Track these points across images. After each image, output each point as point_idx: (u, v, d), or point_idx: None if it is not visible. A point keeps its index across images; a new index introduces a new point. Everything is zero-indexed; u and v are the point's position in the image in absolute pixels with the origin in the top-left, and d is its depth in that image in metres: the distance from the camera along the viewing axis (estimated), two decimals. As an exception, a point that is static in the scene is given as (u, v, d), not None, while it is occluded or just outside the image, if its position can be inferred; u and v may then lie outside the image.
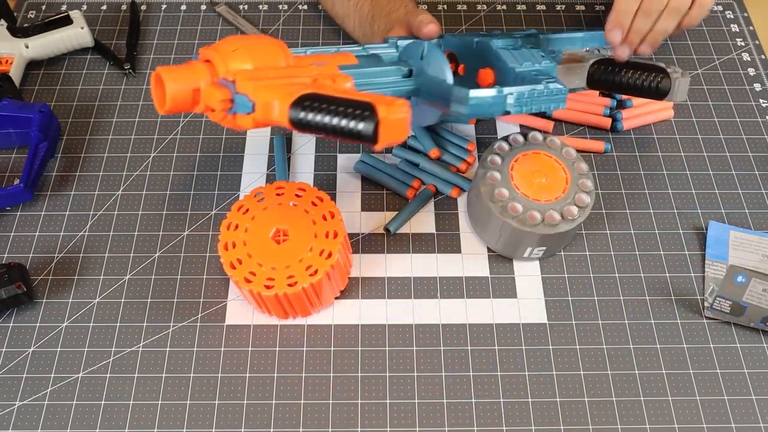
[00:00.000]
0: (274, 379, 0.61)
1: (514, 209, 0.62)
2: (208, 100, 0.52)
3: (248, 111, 0.51)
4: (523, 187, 0.64)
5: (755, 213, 0.71)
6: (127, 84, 0.81)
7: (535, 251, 0.65)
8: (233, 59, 0.52)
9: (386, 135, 0.47)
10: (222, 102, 0.51)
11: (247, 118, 0.51)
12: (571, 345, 0.63)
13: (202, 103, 0.53)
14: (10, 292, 0.62)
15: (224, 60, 0.53)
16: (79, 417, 0.59)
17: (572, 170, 0.65)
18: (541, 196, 0.63)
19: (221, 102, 0.51)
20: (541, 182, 0.64)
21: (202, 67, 0.53)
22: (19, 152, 0.76)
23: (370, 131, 0.46)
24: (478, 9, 0.89)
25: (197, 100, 0.53)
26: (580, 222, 0.63)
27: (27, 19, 0.87)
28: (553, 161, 0.65)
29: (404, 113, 0.47)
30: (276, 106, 0.49)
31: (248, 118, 0.51)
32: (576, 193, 0.64)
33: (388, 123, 0.46)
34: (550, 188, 0.64)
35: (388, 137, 0.47)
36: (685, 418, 0.59)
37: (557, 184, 0.64)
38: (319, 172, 0.74)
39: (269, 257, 0.60)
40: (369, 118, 0.46)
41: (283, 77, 0.53)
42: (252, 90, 0.50)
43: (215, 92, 0.51)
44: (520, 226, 0.62)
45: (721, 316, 0.64)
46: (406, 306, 0.65)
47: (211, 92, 0.52)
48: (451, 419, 0.59)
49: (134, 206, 0.71)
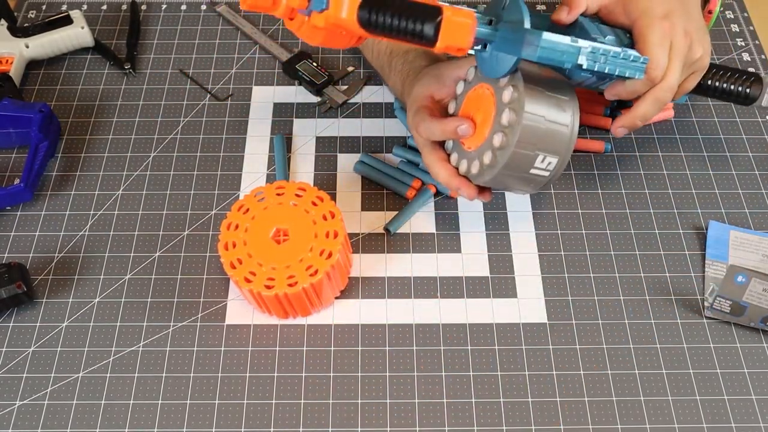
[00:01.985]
0: (274, 379, 0.61)
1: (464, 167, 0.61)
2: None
3: (322, 7, 0.53)
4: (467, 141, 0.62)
5: (755, 213, 0.71)
6: (127, 84, 0.81)
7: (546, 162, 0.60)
8: None
9: (446, 36, 0.51)
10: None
11: (320, 16, 0.54)
12: (571, 345, 0.63)
13: (283, 3, 0.55)
14: (10, 292, 0.62)
15: None
16: (79, 417, 0.59)
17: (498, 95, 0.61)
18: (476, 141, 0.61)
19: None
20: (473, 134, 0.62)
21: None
22: (19, 152, 0.76)
23: (431, 31, 0.51)
24: (478, 9, 0.89)
25: (278, 1, 0.55)
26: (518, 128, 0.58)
27: (27, 19, 0.88)
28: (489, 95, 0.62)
29: (469, 18, 0.52)
30: (346, 4, 0.52)
31: (321, 16, 0.54)
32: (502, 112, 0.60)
33: (450, 24, 0.51)
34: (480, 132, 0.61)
35: (448, 39, 0.52)
36: (685, 418, 0.59)
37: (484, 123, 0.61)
38: (319, 172, 0.74)
39: (269, 257, 0.60)
40: (432, 19, 0.51)
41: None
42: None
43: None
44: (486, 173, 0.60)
45: (721, 316, 0.64)
46: (406, 306, 0.65)
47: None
48: (451, 419, 0.59)
49: (134, 206, 0.71)
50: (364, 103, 0.79)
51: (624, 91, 0.62)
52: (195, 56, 0.84)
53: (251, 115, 0.79)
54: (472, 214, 0.71)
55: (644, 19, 0.61)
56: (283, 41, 0.85)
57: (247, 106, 0.79)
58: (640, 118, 0.63)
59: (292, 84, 0.81)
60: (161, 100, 0.80)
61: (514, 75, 0.60)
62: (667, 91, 0.61)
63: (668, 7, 0.61)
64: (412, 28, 0.52)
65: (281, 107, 0.79)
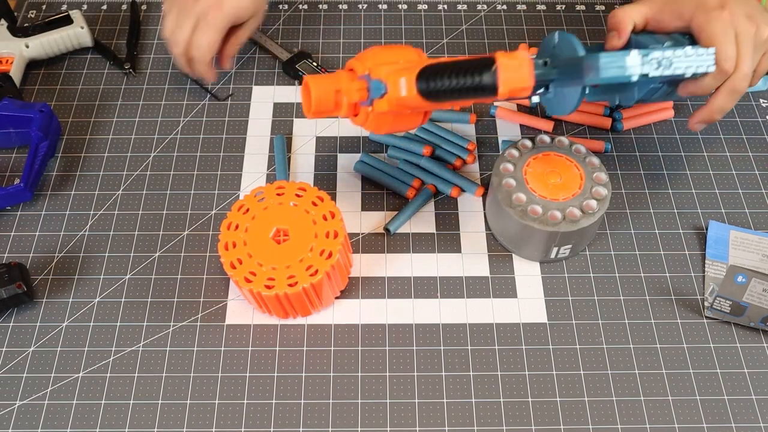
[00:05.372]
0: (274, 379, 0.61)
1: (534, 212, 0.63)
2: (348, 94, 0.58)
3: (382, 93, 0.57)
4: (539, 189, 0.64)
5: (755, 213, 0.71)
6: (127, 84, 0.81)
7: (562, 251, 0.65)
8: (371, 59, 0.59)
9: (507, 81, 0.53)
10: (359, 91, 0.58)
11: (383, 102, 0.57)
12: (571, 345, 0.63)
13: (345, 103, 0.59)
14: (10, 292, 0.62)
15: (362, 62, 0.59)
16: (79, 417, 0.59)
17: (584, 166, 0.65)
18: (558, 195, 0.63)
19: (358, 91, 0.58)
20: (557, 182, 0.64)
21: (343, 73, 0.60)
22: (19, 152, 0.76)
23: (491, 79, 0.52)
24: (478, 9, 0.89)
25: (340, 103, 0.59)
26: (600, 215, 0.63)
27: (27, 18, 0.87)
28: (564, 160, 0.66)
29: (524, 58, 0.53)
30: (403, 81, 0.56)
31: (383, 101, 0.57)
32: (592, 187, 0.64)
33: (506, 68, 0.52)
34: (566, 186, 0.64)
35: (509, 83, 0.53)
36: (685, 418, 0.59)
37: (572, 182, 0.64)
38: (319, 172, 0.74)
39: (269, 257, 0.60)
40: (488, 68, 0.52)
41: (413, 63, 0.58)
42: (384, 73, 0.57)
43: (353, 84, 0.58)
44: (542, 227, 0.62)
45: (721, 316, 0.64)
46: (406, 306, 0.65)
47: (350, 86, 0.58)
48: (451, 419, 0.59)
49: (134, 206, 0.71)
50: (364, 103, 0.79)
51: (698, 88, 0.61)
52: None
53: (251, 115, 0.79)
54: (472, 214, 0.71)
55: (700, 15, 0.60)
56: (283, 41, 0.85)
57: (247, 106, 0.79)
58: (717, 111, 0.62)
59: (292, 84, 0.81)
60: (161, 100, 0.80)
61: None
62: (742, 80, 0.60)
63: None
64: (471, 83, 0.53)
65: (281, 107, 0.79)
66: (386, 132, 0.61)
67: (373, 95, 0.57)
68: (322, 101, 0.59)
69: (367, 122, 0.60)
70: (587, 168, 0.65)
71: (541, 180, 0.64)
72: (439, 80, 0.54)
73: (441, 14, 0.88)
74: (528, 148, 0.67)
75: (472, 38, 0.86)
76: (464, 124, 0.77)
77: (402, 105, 0.57)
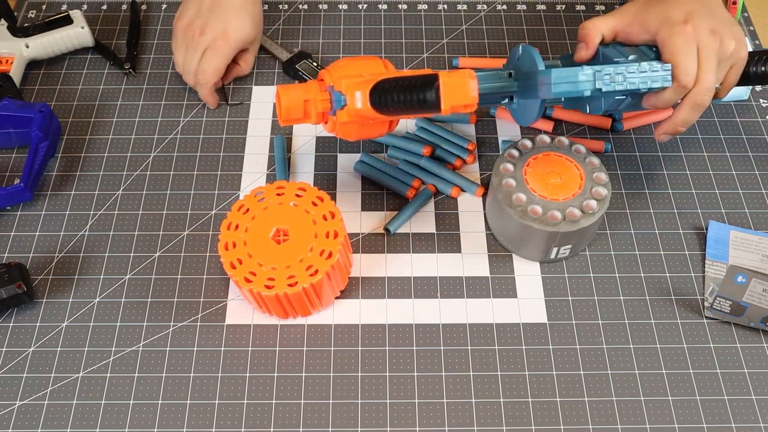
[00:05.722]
0: (274, 379, 0.61)
1: (534, 212, 0.63)
2: (315, 104, 0.61)
3: (342, 105, 0.59)
4: (540, 189, 0.64)
5: (755, 213, 0.71)
6: (127, 84, 0.81)
7: (562, 251, 0.65)
8: (339, 71, 0.61)
9: (449, 98, 0.54)
10: (323, 102, 0.61)
11: (343, 113, 0.60)
12: (571, 345, 0.63)
13: (313, 111, 0.62)
14: (10, 292, 0.62)
15: (332, 73, 0.61)
16: (79, 417, 0.59)
17: (585, 166, 0.65)
18: (558, 195, 0.63)
19: (322, 102, 0.61)
20: (557, 182, 0.64)
21: (313, 83, 0.62)
22: (19, 152, 0.76)
23: (433, 96, 0.54)
24: (478, 9, 0.89)
25: (309, 112, 0.62)
26: (600, 215, 0.63)
27: (27, 18, 0.87)
28: (564, 160, 0.66)
29: (465, 77, 0.55)
30: (358, 95, 0.58)
31: (343, 112, 0.60)
32: (592, 187, 0.64)
33: (448, 87, 0.54)
34: (566, 186, 0.64)
35: (451, 100, 0.55)
36: (685, 418, 0.59)
37: (572, 182, 0.64)
38: (319, 172, 0.74)
39: (269, 257, 0.60)
40: (431, 85, 0.54)
41: (374, 75, 0.60)
42: (344, 86, 0.59)
43: (319, 95, 0.61)
44: (542, 227, 0.62)
45: (721, 316, 0.64)
46: (406, 306, 0.65)
47: (316, 96, 0.61)
48: (451, 419, 0.59)
49: (134, 206, 0.71)
50: (364, 103, 0.79)
51: (659, 101, 0.61)
52: None
53: (251, 115, 0.79)
54: (472, 214, 0.71)
55: (665, 29, 0.60)
56: (283, 41, 0.85)
57: (247, 106, 0.79)
58: (680, 124, 0.63)
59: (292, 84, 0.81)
60: (161, 100, 0.80)
61: None
62: (703, 94, 0.60)
63: (687, 11, 0.61)
64: (417, 98, 0.55)
65: (281, 107, 0.79)
66: (354, 139, 0.64)
67: (335, 106, 0.60)
68: (292, 110, 0.62)
69: (335, 129, 0.63)
70: (587, 168, 0.65)
71: (541, 180, 0.64)
72: (389, 95, 0.56)
73: (441, 14, 0.88)
74: (528, 148, 0.67)
75: (472, 38, 0.86)
76: (464, 124, 0.77)
77: (360, 116, 0.59)
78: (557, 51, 0.84)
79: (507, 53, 0.84)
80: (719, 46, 0.60)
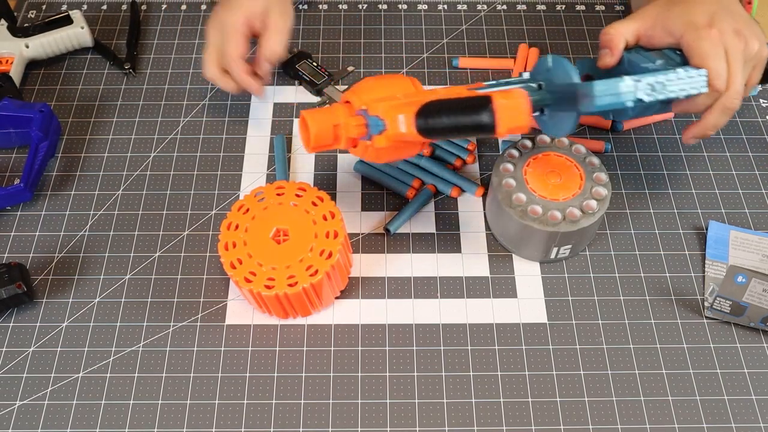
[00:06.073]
0: (274, 379, 0.61)
1: (534, 212, 0.63)
2: (347, 129, 0.58)
3: (380, 130, 0.56)
4: (539, 189, 0.64)
5: (755, 213, 0.71)
6: (127, 84, 0.81)
7: (562, 251, 0.65)
8: (367, 92, 0.58)
9: (504, 120, 0.52)
10: (357, 127, 0.57)
11: (381, 138, 0.57)
12: (571, 345, 0.63)
13: (343, 136, 0.58)
14: (10, 292, 0.62)
15: (359, 95, 0.58)
16: (79, 417, 0.59)
17: (585, 166, 0.65)
18: (558, 195, 0.63)
19: (356, 127, 0.57)
20: (557, 182, 0.64)
21: (340, 107, 0.59)
22: (19, 152, 0.76)
23: (489, 119, 0.52)
24: (478, 9, 0.89)
25: (338, 136, 0.58)
26: (600, 215, 0.63)
27: (27, 18, 0.88)
28: (564, 160, 0.66)
29: (520, 98, 0.52)
30: (402, 119, 0.55)
31: (382, 138, 0.57)
32: (592, 187, 0.64)
33: (504, 108, 0.52)
34: (566, 186, 0.64)
35: (507, 122, 0.52)
36: (685, 418, 0.59)
37: (572, 182, 0.64)
38: (319, 172, 0.74)
39: (269, 257, 0.60)
40: (486, 108, 0.52)
41: (410, 97, 0.58)
42: (382, 110, 0.56)
43: (351, 120, 0.57)
44: (542, 227, 0.62)
45: (721, 316, 0.64)
46: (406, 306, 0.65)
47: (349, 121, 0.57)
48: (451, 419, 0.59)
49: (134, 206, 0.71)
50: (364, 103, 0.79)
51: (691, 106, 0.61)
52: (195, 56, 0.84)
53: (251, 115, 0.79)
54: (472, 214, 0.71)
55: (690, 33, 0.60)
56: (283, 41, 0.85)
57: (247, 106, 0.79)
58: (711, 128, 0.62)
59: (292, 84, 0.81)
60: (161, 100, 0.80)
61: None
62: (734, 97, 0.60)
63: (709, 13, 0.60)
64: (470, 121, 0.53)
65: (281, 107, 0.79)
66: (385, 161, 0.61)
67: (371, 131, 0.57)
68: (321, 136, 0.58)
69: (366, 154, 0.59)
70: (587, 168, 0.65)
71: (541, 180, 0.64)
72: (438, 118, 0.54)
73: (441, 14, 0.88)
74: (528, 148, 0.67)
75: (472, 38, 0.86)
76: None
77: (401, 140, 0.57)
78: (557, 51, 0.84)
79: (507, 53, 0.84)
80: (744, 47, 0.60)
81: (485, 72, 0.82)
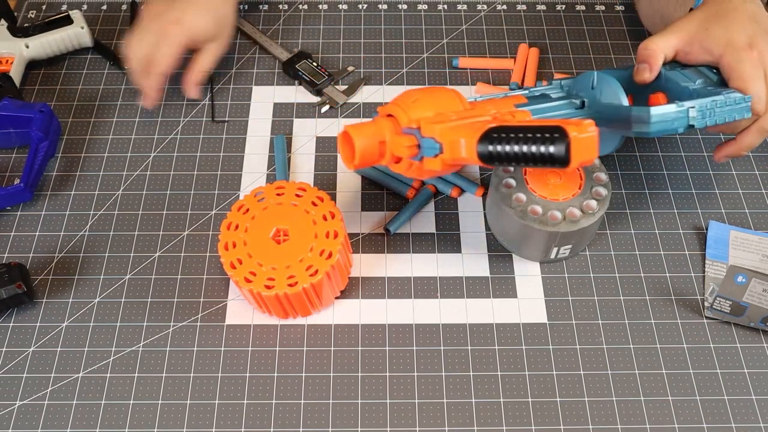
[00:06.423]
0: (274, 379, 0.61)
1: (534, 212, 0.63)
2: (395, 148, 0.55)
3: (436, 153, 0.53)
4: (539, 189, 0.64)
5: (755, 213, 0.71)
6: (127, 84, 0.81)
7: (562, 251, 0.65)
8: (414, 109, 0.55)
9: (578, 154, 0.48)
10: (409, 148, 0.54)
11: (435, 161, 0.54)
12: (571, 345, 0.63)
13: (388, 153, 0.56)
14: (10, 292, 0.62)
15: (406, 111, 0.55)
16: (79, 417, 0.59)
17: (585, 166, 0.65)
18: (558, 195, 0.63)
19: (408, 148, 0.54)
20: (557, 182, 0.64)
21: (385, 121, 0.56)
22: (19, 152, 0.76)
23: (562, 152, 0.48)
24: (478, 9, 0.89)
25: (383, 153, 0.56)
26: (600, 215, 0.63)
27: (27, 19, 0.87)
28: None
29: (593, 132, 0.49)
30: (463, 143, 0.52)
31: (436, 161, 0.54)
32: (592, 187, 0.64)
33: (579, 142, 0.48)
34: (566, 186, 0.64)
35: (580, 156, 0.48)
36: (685, 418, 0.59)
37: (572, 182, 0.64)
38: (319, 172, 0.74)
39: (269, 257, 0.60)
40: (560, 140, 0.48)
41: (465, 118, 0.55)
42: (438, 132, 0.53)
43: (401, 140, 0.55)
44: (542, 227, 0.62)
45: (721, 316, 0.64)
46: (406, 306, 0.65)
47: (397, 141, 0.55)
48: (451, 419, 0.59)
49: (134, 206, 0.71)
50: (364, 103, 0.79)
51: (729, 128, 0.62)
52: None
53: (251, 115, 0.79)
54: (472, 214, 0.71)
55: (731, 54, 0.60)
56: (283, 41, 0.85)
57: (247, 106, 0.79)
58: (746, 149, 0.63)
59: (292, 84, 0.81)
60: (161, 101, 0.80)
61: None
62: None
63: (748, 34, 0.60)
64: (540, 153, 0.49)
65: (281, 107, 0.79)
66: (427, 177, 0.58)
67: (425, 153, 0.54)
68: (367, 154, 0.55)
69: (409, 171, 0.56)
70: (587, 168, 0.65)
71: (541, 180, 0.64)
72: (503, 146, 0.50)
73: (441, 14, 0.88)
74: None
75: (472, 38, 0.86)
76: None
77: (456, 163, 0.54)
78: (557, 51, 0.84)
79: (507, 53, 0.84)
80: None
81: (485, 72, 0.82)
